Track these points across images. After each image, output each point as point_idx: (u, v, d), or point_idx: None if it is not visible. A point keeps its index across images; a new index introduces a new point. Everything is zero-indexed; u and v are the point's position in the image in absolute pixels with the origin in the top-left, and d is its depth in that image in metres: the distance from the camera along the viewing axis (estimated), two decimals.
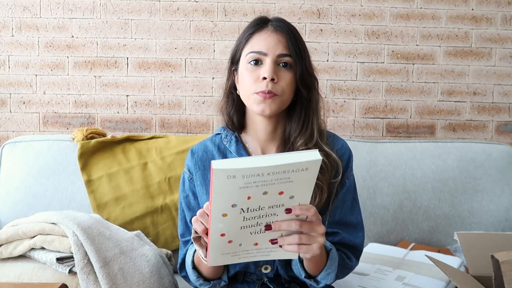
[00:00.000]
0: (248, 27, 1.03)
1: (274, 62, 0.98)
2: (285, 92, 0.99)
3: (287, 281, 1.06)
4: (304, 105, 1.03)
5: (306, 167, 0.68)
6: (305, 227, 0.76)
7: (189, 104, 1.88)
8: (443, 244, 1.58)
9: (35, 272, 1.11)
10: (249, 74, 0.99)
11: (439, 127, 1.92)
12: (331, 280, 0.93)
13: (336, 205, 1.04)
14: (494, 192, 1.60)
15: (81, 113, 1.87)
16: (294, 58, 0.99)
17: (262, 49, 0.98)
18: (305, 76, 1.01)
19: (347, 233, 1.03)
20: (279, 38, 0.99)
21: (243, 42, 1.02)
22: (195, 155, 1.09)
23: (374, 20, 1.88)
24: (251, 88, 0.98)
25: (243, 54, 1.01)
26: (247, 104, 1.02)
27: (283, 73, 0.98)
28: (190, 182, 1.09)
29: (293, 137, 1.03)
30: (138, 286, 1.10)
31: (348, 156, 1.08)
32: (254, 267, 1.04)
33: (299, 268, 0.94)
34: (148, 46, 1.86)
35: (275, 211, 0.74)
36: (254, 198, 0.70)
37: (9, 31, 1.84)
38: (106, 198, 1.51)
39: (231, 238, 0.76)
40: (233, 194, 0.69)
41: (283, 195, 0.71)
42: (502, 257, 0.93)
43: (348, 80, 1.89)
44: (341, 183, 1.04)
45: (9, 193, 1.56)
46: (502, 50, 1.90)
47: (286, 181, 0.69)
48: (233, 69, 1.06)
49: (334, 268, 0.93)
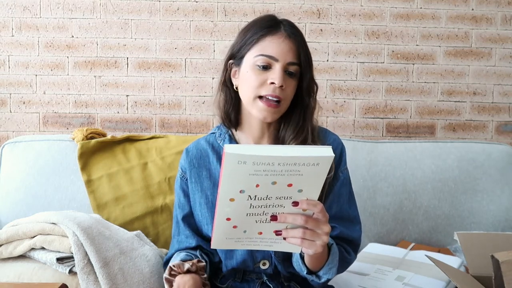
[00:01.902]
0: (259, 26, 1.01)
1: (283, 69, 0.97)
2: (288, 98, 1.00)
3: (287, 279, 1.07)
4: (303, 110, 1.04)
5: (317, 162, 0.68)
6: (310, 223, 0.77)
7: (189, 104, 1.88)
8: (443, 244, 1.58)
9: (35, 272, 1.11)
10: (256, 77, 0.98)
11: (439, 127, 1.92)
12: (332, 274, 0.94)
13: (332, 200, 1.04)
14: (494, 192, 1.60)
15: (81, 113, 1.87)
16: (302, 67, 0.99)
17: (274, 54, 0.97)
18: (310, 85, 1.02)
19: (345, 227, 1.04)
20: (291, 45, 0.98)
21: (253, 41, 0.99)
22: (190, 154, 1.10)
23: (374, 20, 1.88)
24: (255, 91, 0.98)
25: (250, 53, 0.99)
26: (247, 106, 1.01)
27: (289, 81, 0.99)
28: (181, 180, 1.10)
29: (288, 138, 1.03)
30: (138, 286, 1.10)
31: (341, 150, 1.08)
32: (253, 264, 1.04)
33: (300, 264, 0.95)
34: (148, 46, 1.86)
35: (282, 202, 0.75)
36: (263, 187, 0.71)
37: (9, 31, 1.84)
38: (106, 198, 1.51)
39: (236, 224, 0.77)
40: (242, 179, 0.70)
41: (291, 187, 0.72)
42: (502, 257, 0.93)
43: (348, 80, 1.90)
44: (335, 177, 1.05)
45: (9, 193, 1.56)
46: (502, 50, 1.90)
47: (296, 174, 0.70)
48: (232, 63, 1.04)
49: (336, 263, 0.94)
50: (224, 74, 1.05)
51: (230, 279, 1.08)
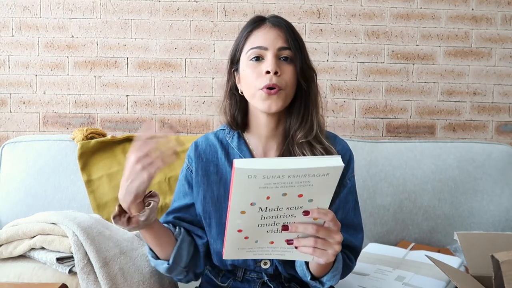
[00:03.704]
0: (245, 26, 1.04)
1: (275, 55, 0.98)
2: (288, 85, 0.99)
3: (287, 280, 1.07)
4: (303, 98, 1.04)
5: (327, 172, 0.69)
6: (322, 232, 0.77)
7: (189, 104, 1.88)
8: (443, 244, 1.58)
9: (35, 272, 1.10)
10: (252, 71, 0.99)
11: (439, 127, 1.92)
12: (336, 281, 0.94)
13: (338, 206, 1.04)
14: (494, 192, 1.60)
15: (81, 113, 1.87)
16: (293, 51, 1.00)
17: (262, 43, 0.99)
18: (305, 69, 1.02)
19: (348, 234, 1.03)
20: (278, 32, 1.00)
21: (242, 41, 1.03)
22: (199, 147, 1.10)
23: (374, 20, 1.88)
24: (255, 84, 0.99)
25: (243, 52, 1.02)
26: (252, 102, 1.02)
27: (285, 67, 0.99)
28: (187, 171, 1.10)
29: (293, 130, 1.04)
30: (138, 286, 1.10)
31: (349, 157, 1.08)
32: (254, 263, 1.04)
33: (304, 269, 0.95)
34: (148, 46, 1.86)
35: (293, 212, 0.75)
36: (273, 199, 0.71)
37: (9, 31, 1.84)
38: (106, 198, 1.51)
39: (247, 235, 0.78)
40: (253, 193, 0.70)
41: (302, 197, 0.72)
42: (502, 257, 0.93)
43: (348, 80, 1.89)
44: (342, 184, 1.05)
45: (9, 193, 1.56)
46: (502, 50, 1.90)
47: (306, 185, 0.70)
48: (233, 70, 1.07)
49: (340, 270, 0.94)
50: (228, 84, 1.08)
51: (231, 278, 1.08)
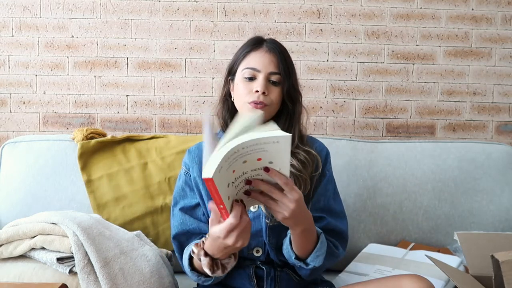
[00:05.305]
0: (246, 44, 1.19)
1: (266, 78, 1.13)
2: (273, 103, 1.14)
3: (280, 266, 1.15)
4: (289, 116, 1.19)
5: (277, 140, 0.80)
6: (275, 194, 0.87)
7: (189, 104, 1.88)
8: (443, 244, 1.58)
9: (35, 272, 1.11)
10: (244, 87, 1.14)
11: (439, 127, 1.92)
12: (319, 262, 1.03)
13: (320, 193, 1.17)
14: (494, 192, 1.60)
15: (81, 113, 1.87)
16: (282, 76, 1.14)
17: (256, 66, 1.14)
18: (291, 92, 1.16)
19: (332, 218, 1.15)
20: (271, 58, 1.15)
21: (240, 57, 1.17)
22: (192, 153, 1.23)
23: (374, 20, 1.88)
24: (245, 99, 1.13)
25: (239, 68, 1.17)
26: (240, 111, 1.16)
27: (272, 88, 1.14)
28: (186, 177, 1.21)
29: None
30: (139, 286, 1.10)
31: (326, 153, 1.23)
32: (246, 250, 1.12)
33: (289, 250, 1.04)
34: (148, 46, 1.86)
35: (258, 172, 0.86)
36: (237, 169, 0.82)
37: (9, 31, 1.84)
38: (106, 198, 1.51)
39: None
40: (226, 177, 0.80)
41: (261, 161, 0.83)
42: (502, 257, 0.93)
43: (348, 80, 1.90)
44: (322, 174, 1.19)
45: (9, 193, 1.56)
46: (502, 50, 1.90)
47: (261, 150, 0.81)
48: (230, 79, 1.21)
49: (323, 251, 1.03)
50: (224, 90, 1.22)
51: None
